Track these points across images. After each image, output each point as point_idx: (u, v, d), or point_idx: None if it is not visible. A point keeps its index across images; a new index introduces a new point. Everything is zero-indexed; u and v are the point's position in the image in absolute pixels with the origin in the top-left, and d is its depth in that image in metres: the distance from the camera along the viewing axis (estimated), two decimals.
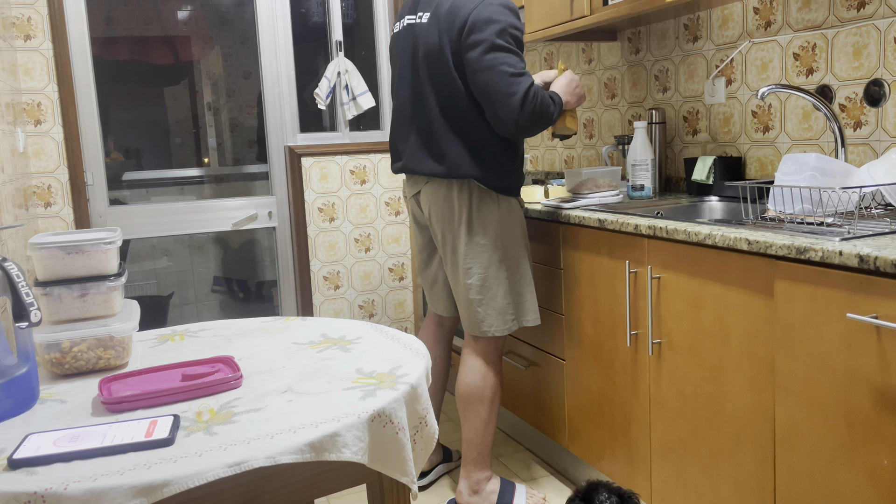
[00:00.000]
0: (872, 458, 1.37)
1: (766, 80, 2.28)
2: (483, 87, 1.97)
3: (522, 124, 1.98)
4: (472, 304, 2.15)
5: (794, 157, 1.74)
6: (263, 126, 3.33)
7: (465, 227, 2.12)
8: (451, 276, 2.21)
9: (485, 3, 1.98)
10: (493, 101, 1.97)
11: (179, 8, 3.42)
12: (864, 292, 1.34)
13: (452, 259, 2.17)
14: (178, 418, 1.06)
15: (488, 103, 1.99)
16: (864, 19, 1.96)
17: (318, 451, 1.01)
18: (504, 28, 1.97)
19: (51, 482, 0.89)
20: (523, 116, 1.97)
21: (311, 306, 3.40)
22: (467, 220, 2.11)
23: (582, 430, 2.29)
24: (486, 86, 1.96)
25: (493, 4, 1.98)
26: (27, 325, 1.14)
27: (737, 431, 1.69)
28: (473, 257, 2.13)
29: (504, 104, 1.95)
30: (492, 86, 1.96)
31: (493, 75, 1.95)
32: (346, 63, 3.34)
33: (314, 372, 1.27)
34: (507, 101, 1.95)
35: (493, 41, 1.95)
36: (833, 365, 1.43)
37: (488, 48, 1.95)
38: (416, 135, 2.13)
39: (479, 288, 2.14)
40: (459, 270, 2.15)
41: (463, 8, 1.99)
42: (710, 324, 1.73)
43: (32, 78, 2.87)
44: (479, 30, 1.96)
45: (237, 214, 3.30)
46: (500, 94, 1.95)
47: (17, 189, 2.52)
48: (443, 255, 2.22)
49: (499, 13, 1.97)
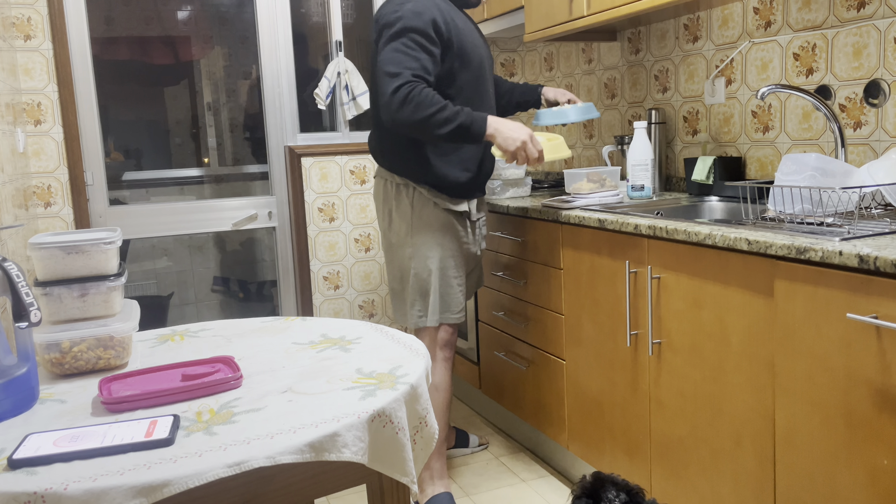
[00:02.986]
0: (872, 459, 1.37)
1: (766, 80, 2.28)
2: (372, 88, 2.13)
3: (399, 122, 2.01)
4: (391, 293, 2.35)
5: (794, 157, 1.74)
6: (264, 126, 3.33)
7: (387, 217, 2.28)
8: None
9: (390, 5, 2.09)
10: (377, 101, 2.07)
11: (179, 8, 3.42)
12: (864, 292, 1.34)
13: (384, 246, 2.36)
14: (178, 418, 1.06)
15: (375, 103, 2.14)
16: (864, 19, 1.96)
17: (318, 451, 1.01)
18: (401, 31, 2.02)
19: (51, 482, 0.89)
20: (396, 109, 1.99)
21: (311, 306, 3.40)
22: (388, 211, 2.27)
23: (582, 430, 2.29)
24: (373, 86, 2.11)
25: (395, 7, 2.07)
26: (27, 325, 1.14)
27: (737, 431, 1.69)
28: (390, 249, 2.30)
29: (382, 104, 2.02)
30: (376, 85, 2.07)
31: (377, 75, 2.05)
32: (346, 63, 3.34)
33: (314, 372, 1.27)
34: (382, 101, 2.01)
35: (387, 43, 2.04)
36: (833, 365, 1.43)
37: (380, 50, 2.06)
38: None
39: (396, 279, 2.31)
40: (385, 259, 2.35)
41: (379, 12, 2.14)
42: (710, 324, 1.73)
43: (32, 78, 2.87)
44: (380, 32, 2.08)
45: (237, 214, 3.30)
46: (379, 93, 2.03)
47: (17, 189, 2.52)
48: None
49: (395, 16, 2.05)
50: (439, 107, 1.99)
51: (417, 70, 2.00)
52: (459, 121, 2.00)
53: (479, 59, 2.22)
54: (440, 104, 1.99)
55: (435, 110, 1.98)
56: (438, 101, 1.99)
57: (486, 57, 2.30)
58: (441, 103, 1.99)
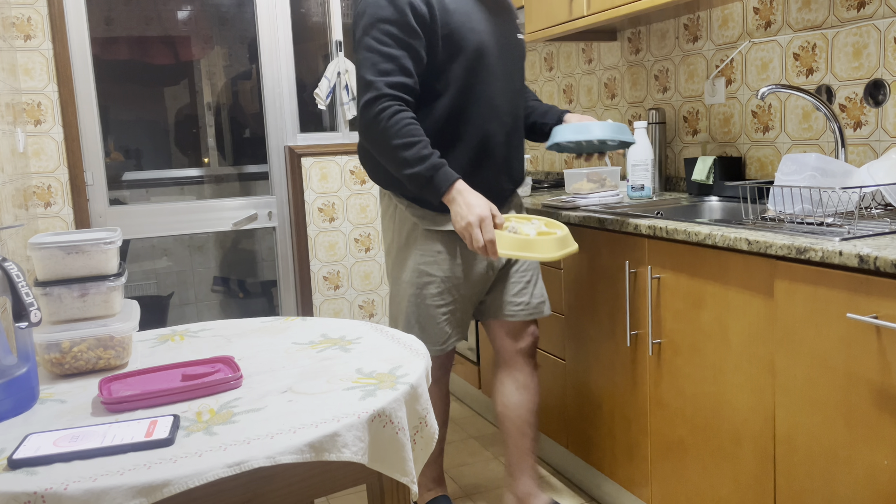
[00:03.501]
0: (872, 458, 1.37)
1: (766, 80, 2.28)
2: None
3: (365, 135, 1.80)
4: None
5: (794, 157, 1.74)
6: (263, 126, 3.33)
7: (382, 222, 2.08)
8: None
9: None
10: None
11: (179, 8, 3.42)
12: (864, 292, 1.34)
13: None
14: (178, 418, 1.06)
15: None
16: (864, 19, 1.96)
17: (318, 451, 1.01)
18: (371, 23, 1.76)
19: (51, 482, 0.89)
20: (364, 127, 1.79)
21: (311, 306, 3.40)
22: (381, 216, 2.07)
23: (582, 430, 2.29)
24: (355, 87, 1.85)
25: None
26: (27, 325, 1.14)
27: (737, 431, 1.69)
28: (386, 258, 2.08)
29: (357, 111, 1.82)
30: (356, 88, 1.85)
31: (357, 78, 1.82)
32: (346, 63, 3.34)
33: (314, 372, 1.27)
34: (357, 107, 1.81)
35: (360, 38, 1.78)
36: (833, 365, 1.43)
37: (356, 46, 1.81)
38: None
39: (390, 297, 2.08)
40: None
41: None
42: (710, 324, 1.73)
43: (32, 78, 2.87)
44: (355, 23, 1.83)
45: (237, 214, 3.30)
46: (357, 98, 1.81)
47: (17, 189, 2.52)
48: None
49: (364, 3, 1.79)
50: (405, 142, 1.71)
51: (394, 76, 1.73)
52: (420, 169, 1.71)
53: (478, 45, 1.83)
54: (407, 139, 1.71)
55: (400, 144, 1.71)
56: (408, 135, 1.71)
57: (496, 44, 1.89)
58: (409, 138, 1.71)
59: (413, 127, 1.73)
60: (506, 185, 2.00)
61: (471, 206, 1.70)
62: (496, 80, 1.90)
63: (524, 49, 2.08)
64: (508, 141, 1.96)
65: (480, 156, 1.90)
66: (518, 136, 2.02)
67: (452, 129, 1.86)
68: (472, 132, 1.88)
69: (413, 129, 1.72)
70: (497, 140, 1.92)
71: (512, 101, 1.96)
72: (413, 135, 1.72)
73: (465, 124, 1.87)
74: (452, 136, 1.86)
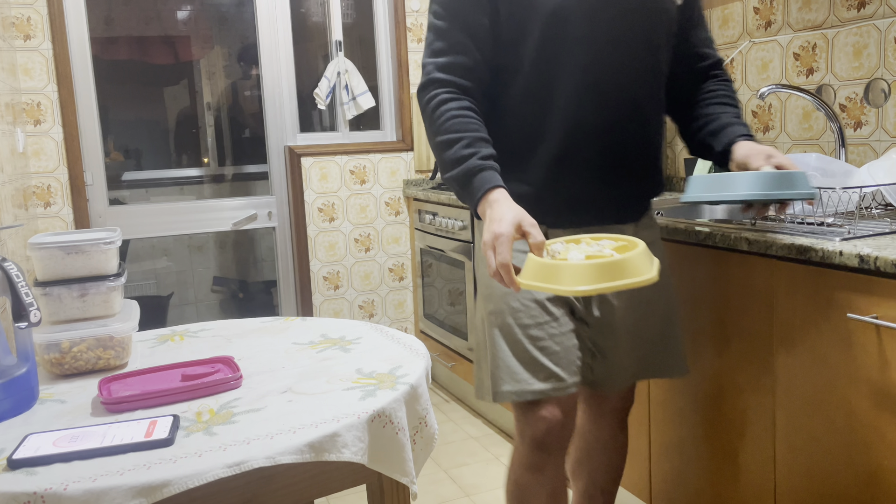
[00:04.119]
0: (872, 458, 1.37)
1: (767, 80, 2.28)
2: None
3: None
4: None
5: (795, 157, 1.74)
6: (263, 126, 3.33)
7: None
8: None
9: None
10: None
11: (179, 8, 3.42)
12: (864, 292, 1.34)
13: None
14: (178, 418, 1.05)
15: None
16: (864, 19, 1.96)
17: (318, 451, 1.00)
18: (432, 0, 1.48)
19: (50, 482, 0.89)
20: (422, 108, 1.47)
21: (310, 306, 3.40)
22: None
23: None
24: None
25: None
26: (27, 325, 1.14)
27: (737, 431, 1.69)
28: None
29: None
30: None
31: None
32: (346, 63, 3.34)
33: (314, 372, 1.27)
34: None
35: (429, 15, 1.49)
36: (833, 365, 1.42)
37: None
38: None
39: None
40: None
41: None
42: (710, 324, 1.73)
43: (32, 78, 2.87)
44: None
45: (237, 214, 3.30)
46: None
47: (17, 189, 2.52)
48: None
49: None
50: (446, 139, 1.37)
51: (447, 55, 1.41)
52: (455, 172, 1.36)
53: (555, 9, 1.38)
54: (448, 135, 1.37)
55: (440, 142, 1.38)
56: (450, 130, 1.37)
57: (597, 3, 1.39)
58: (451, 134, 1.37)
59: (459, 120, 1.38)
60: (620, 199, 1.50)
61: (497, 220, 1.26)
62: (596, 52, 1.40)
63: (672, 7, 1.48)
64: (624, 137, 1.45)
65: (571, 155, 1.43)
66: (648, 130, 1.49)
67: (533, 120, 1.44)
68: (556, 123, 1.42)
69: (458, 122, 1.38)
70: (599, 134, 1.43)
71: (635, 81, 1.44)
72: (456, 129, 1.37)
73: (549, 113, 1.42)
74: (533, 129, 1.44)
